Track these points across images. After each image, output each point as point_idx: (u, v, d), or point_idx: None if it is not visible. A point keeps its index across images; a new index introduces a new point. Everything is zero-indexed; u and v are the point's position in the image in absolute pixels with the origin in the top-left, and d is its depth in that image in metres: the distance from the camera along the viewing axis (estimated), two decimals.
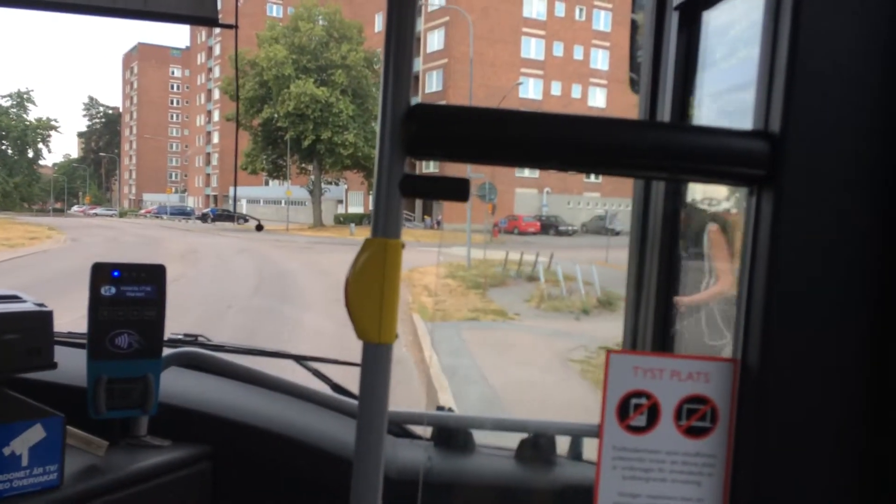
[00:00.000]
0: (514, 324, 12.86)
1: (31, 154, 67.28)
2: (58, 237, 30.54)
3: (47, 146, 79.87)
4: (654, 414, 0.90)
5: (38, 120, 67.54)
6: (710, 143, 0.87)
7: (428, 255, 20.21)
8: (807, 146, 0.83)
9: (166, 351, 1.65)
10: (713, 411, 0.90)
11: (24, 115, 66.95)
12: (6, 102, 66.67)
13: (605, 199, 47.87)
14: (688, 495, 0.90)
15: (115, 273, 1.44)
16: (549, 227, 41.25)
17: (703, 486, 0.90)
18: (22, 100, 66.68)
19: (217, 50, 75.60)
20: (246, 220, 42.73)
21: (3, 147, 66.10)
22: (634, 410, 0.90)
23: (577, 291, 15.14)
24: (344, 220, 48.49)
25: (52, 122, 68.14)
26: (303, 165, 47.96)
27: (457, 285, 17.03)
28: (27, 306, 1.31)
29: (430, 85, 49.90)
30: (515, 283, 17.71)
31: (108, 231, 36.75)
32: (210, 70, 78.77)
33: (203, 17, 1.32)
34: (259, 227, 2.22)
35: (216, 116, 71.29)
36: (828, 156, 0.83)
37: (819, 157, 0.83)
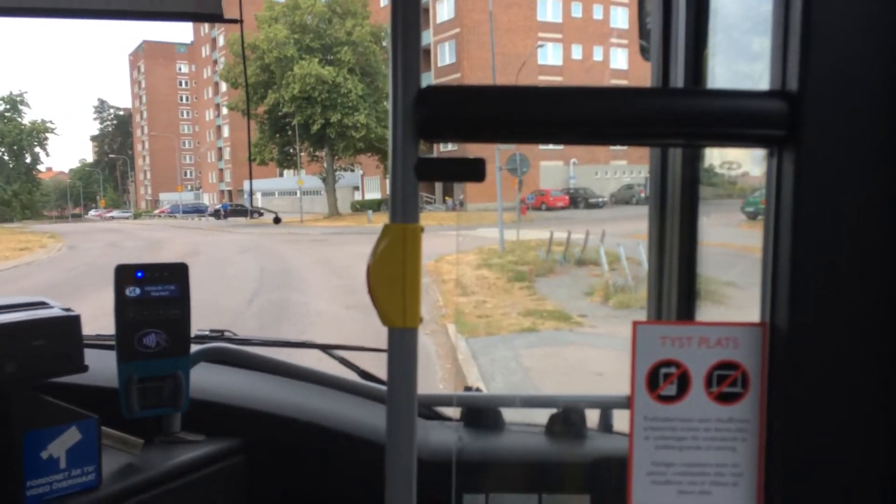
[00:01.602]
0: (584, 333, 9.35)
1: (28, 159, 64.95)
2: (52, 246, 29.27)
3: (45, 150, 77.28)
4: (684, 382, 0.90)
5: (33, 123, 64.93)
6: (726, 105, 0.86)
7: (453, 240, 18.31)
8: (826, 103, 0.81)
9: (194, 347, 1.67)
10: (744, 376, 0.90)
11: (18, 119, 64.53)
12: None
13: (633, 166, 46.39)
14: (723, 461, 0.90)
15: (139, 274, 1.46)
16: (578, 200, 39.82)
17: (738, 452, 0.90)
18: (15, 103, 64.20)
19: (221, 41, 75.13)
20: (261, 214, 42.46)
21: None
22: (664, 380, 0.90)
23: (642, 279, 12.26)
24: (361, 207, 47.53)
25: (48, 125, 65.68)
26: (314, 152, 46.91)
27: (495, 277, 13.89)
28: (54, 312, 1.33)
29: (443, 58, 47.71)
30: (564, 270, 14.53)
31: (113, 235, 35.89)
32: (215, 62, 78.28)
33: (207, 14, 1.32)
34: (277, 220, 2.23)
35: (225, 110, 71.00)
36: (848, 112, 0.81)
37: (839, 114, 0.81)
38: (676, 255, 1.26)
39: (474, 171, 0.86)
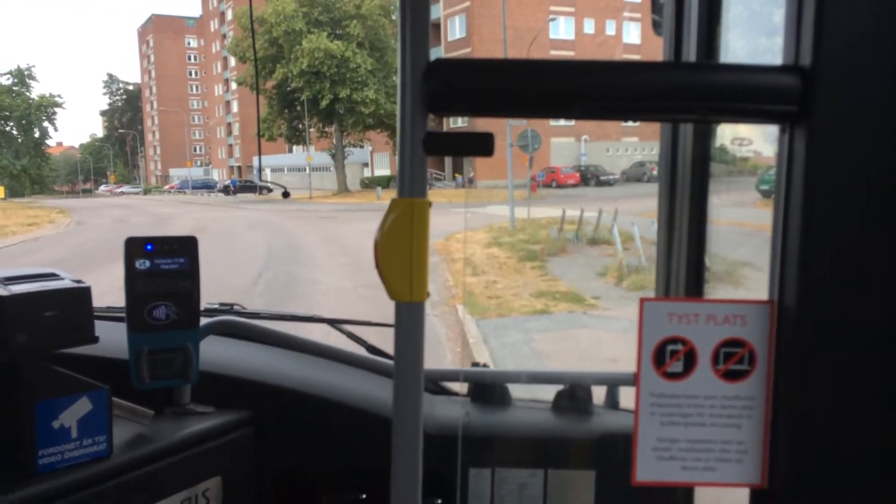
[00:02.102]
0: (598, 316, 9.03)
1: (36, 134, 64.36)
2: (61, 221, 29.29)
3: (53, 125, 76.06)
4: (690, 359, 0.90)
5: (42, 97, 64.28)
6: (738, 80, 0.85)
7: (463, 218, 17.93)
8: (839, 79, 0.80)
9: (203, 320, 1.68)
10: (751, 354, 0.89)
11: (27, 93, 64.07)
12: (6, 81, 63.49)
13: (645, 143, 45.81)
14: (728, 438, 0.90)
15: (149, 246, 1.47)
16: (588, 177, 39.30)
17: (743, 429, 0.90)
18: (23, 77, 63.63)
19: (230, 15, 74.53)
20: (270, 191, 42.38)
21: (7, 128, 63.42)
22: (671, 357, 0.90)
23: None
24: (370, 184, 47.34)
25: (57, 99, 65.03)
26: (323, 128, 46.63)
27: (506, 257, 13.64)
28: (65, 283, 1.34)
29: (453, 32, 47.02)
30: (576, 249, 14.19)
31: (122, 210, 35.78)
32: (224, 37, 77.68)
33: None
34: (286, 195, 2.24)
35: (234, 85, 70.67)
36: (861, 88, 0.80)
37: (852, 90, 0.80)
38: (686, 233, 1.25)
39: (483, 145, 0.85)
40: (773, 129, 0.89)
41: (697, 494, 1.35)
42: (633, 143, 47.55)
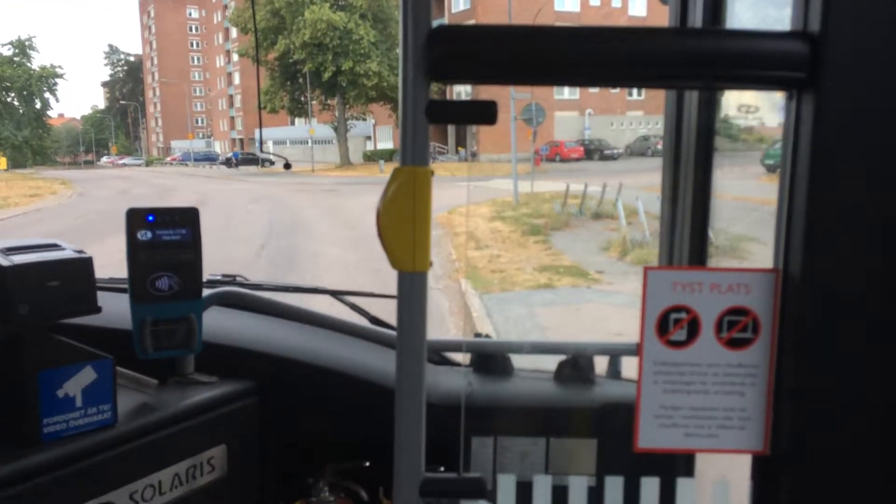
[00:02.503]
0: (602, 291, 8.95)
1: (38, 105, 63.85)
2: (63, 192, 29.14)
3: (54, 95, 74.65)
4: (694, 328, 0.91)
5: (42, 68, 63.63)
6: (746, 46, 0.84)
7: (465, 191, 17.65)
8: (848, 45, 0.79)
9: (206, 292, 1.68)
10: (755, 322, 0.90)
11: (28, 64, 63.33)
12: (7, 51, 62.73)
13: (649, 116, 45.37)
14: (731, 405, 0.90)
15: (150, 217, 1.47)
16: (592, 151, 39.00)
17: (745, 396, 0.90)
18: (23, 47, 62.83)
19: None
20: (272, 163, 42.24)
21: (9, 99, 62.89)
22: (674, 325, 0.90)
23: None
24: (373, 157, 47.10)
25: (58, 70, 64.32)
26: (325, 101, 46.35)
27: (509, 231, 13.53)
28: (67, 253, 1.34)
29: (457, 4, 46.26)
30: (580, 224, 14.09)
31: (124, 182, 35.55)
32: (225, 7, 76.64)
33: None
34: (287, 166, 2.23)
35: (236, 56, 70.04)
36: (870, 55, 0.79)
37: (861, 57, 0.79)
38: (689, 206, 1.25)
39: (486, 113, 0.85)
40: (777, 101, 0.88)
41: (698, 462, 1.36)
42: (638, 117, 47.09)
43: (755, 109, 1.21)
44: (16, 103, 63.66)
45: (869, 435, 0.86)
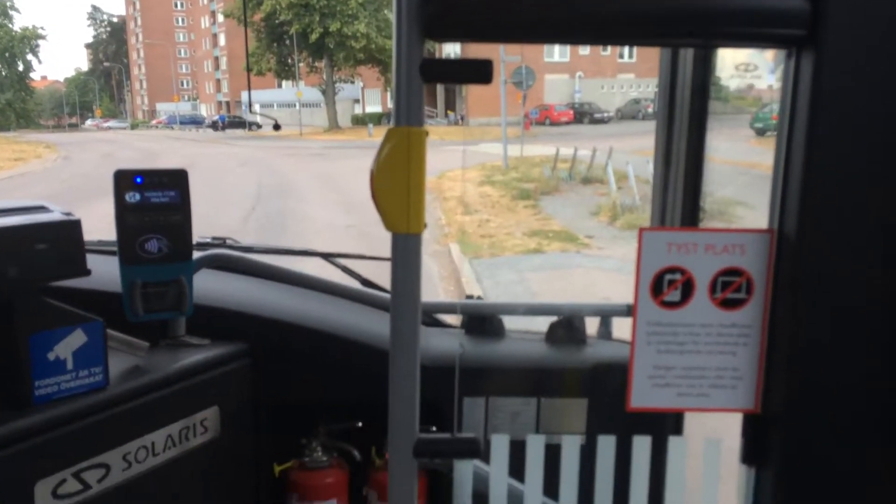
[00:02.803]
0: (592, 255, 9.00)
1: (20, 67, 63.54)
2: (48, 156, 28.64)
3: (37, 57, 74.91)
4: (688, 288, 0.91)
5: (24, 29, 63.42)
6: (746, 3, 0.82)
7: (455, 156, 17.45)
8: (849, 3, 0.78)
9: (196, 254, 1.67)
10: (748, 283, 0.90)
11: (9, 25, 62.85)
12: None
13: (640, 80, 45.07)
14: (723, 365, 0.91)
15: (138, 179, 1.45)
16: (582, 115, 38.69)
17: (738, 356, 0.91)
18: (4, 9, 62.23)
19: None
20: (259, 127, 41.75)
21: None
22: (668, 286, 0.91)
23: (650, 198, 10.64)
24: (361, 121, 46.72)
25: (40, 31, 64.16)
26: (313, 63, 45.53)
27: (499, 195, 13.49)
28: (55, 216, 1.32)
29: None
30: (569, 188, 14.04)
31: (109, 146, 34.91)
32: None
33: None
34: (276, 127, 2.21)
35: (221, 17, 68.70)
36: (872, 13, 0.78)
37: (863, 15, 0.78)
38: (683, 168, 1.24)
39: (481, 72, 0.83)
40: (769, 63, 0.87)
41: (687, 422, 1.38)
42: (629, 80, 46.69)
43: (754, 68, 1.20)
44: None
45: (859, 395, 0.87)
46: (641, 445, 0.95)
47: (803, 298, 0.85)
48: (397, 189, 0.86)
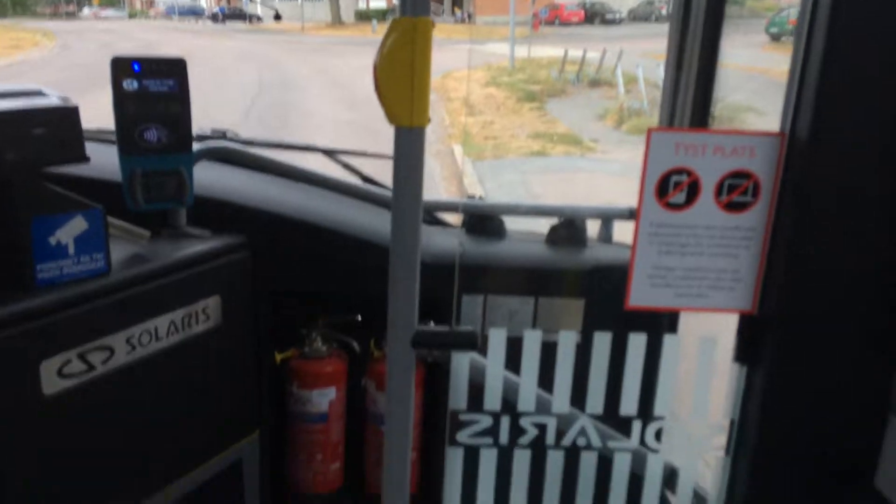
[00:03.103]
0: (596, 159, 8.85)
1: None
2: (46, 45, 28.04)
3: None
4: (694, 190, 0.90)
5: None
6: None
7: (461, 55, 16.64)
8: None
9: (196, 146, 1.65)
10: (755, 185, 0.89)
11: None
12: None
13: None
14: (723, 267, 0.91)
15: (136, 66, 1.41)
16: (594, 15, 37.57)
17: (739, 259, 0.91)
18: None
19: None
20: (260, 20, 40.44)
21: None
22: (674, 188, 0.90)
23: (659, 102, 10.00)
24: (365, 16, 45.27)
25: None
26: None
27: (504, 97, 13.25)
28: (52, 101, 1.29)
29: None
30: (576, 91, 13.77)
31: (106, 36, 33.74)
32: None
33: None
34: (277, 17, 2.13)
35: None
36: None
37: None
38: (695, 71, 1.21)
39: None
40: None
41: (681, 326, 1.40)
42: None
43: None
44: None
45: (854, 301, 0.87)
46: (637, 343, 0.96)
47: (809, 203, 0.85)
48: (401, 81, 0.83)
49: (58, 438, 1.30)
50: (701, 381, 0.96)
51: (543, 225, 1.75)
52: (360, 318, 1.77)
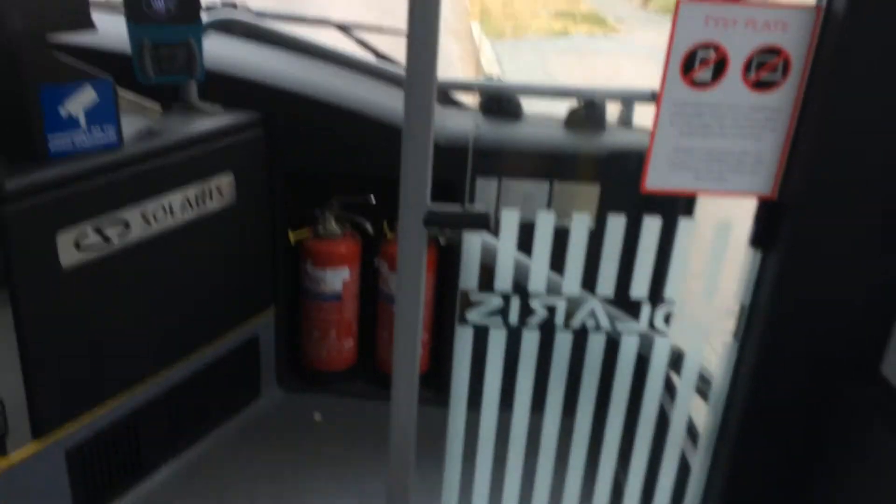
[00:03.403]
0: (620, 40, 8.29)
1: None
2: None
3: None
4: (720, 67, 0.86)
5: None
6: None
7: None
8: None
9: (205, 18, 1.60)
10: (786, 63, 0.85)
11: None
12: None
13: None
14: (746, 149, 0.88)
15: None
16: None
17: (762, 141, 0.88)
18: None
19: None
20: None
21: None
22: (700, 64, 0.86)
23: None
24: None
25: None
26: None
27: None
28: None
29: None
30: None
31: None
32: None
33: None
34: None
35: None
36: None
37: None
38: None
39: None
40: None
41: (698, 207, 1.38)
42: None
43: None
44: None
45: (878, 190, 0.85)
46: (651, 225, 0.95)
47: (840, 84, 0.81)
48: None
49: (78, 311, 1.34)
50: (713, 265, 0.96)
51: (561, 108, 1.71)
52: (373, 199, 1.77)
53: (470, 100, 1.84)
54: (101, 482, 1.48)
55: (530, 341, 1.03)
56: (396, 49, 1.46)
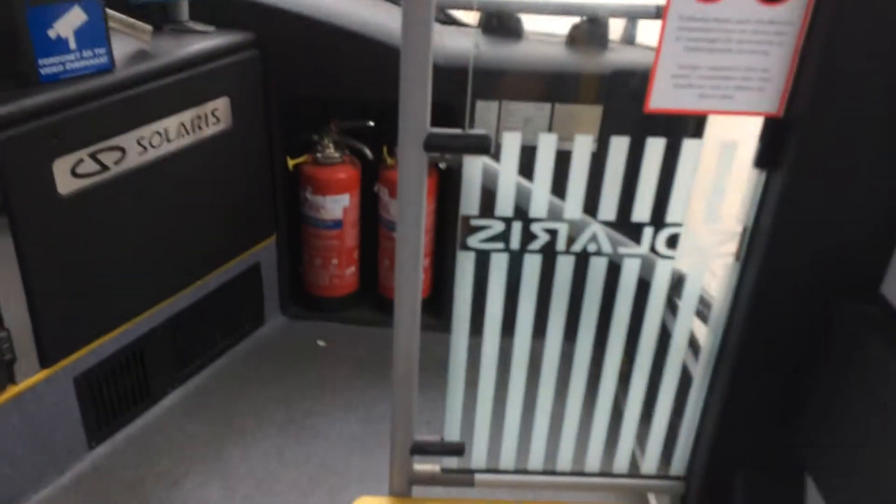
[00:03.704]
0: None
1: None
2: None
3: None
4: None
5: None
6: None
7: None
8: None
9: None
10: None
11: None
12: None
13: None
14: (752, 66, 0.86)
15: None
16: None
17: (770, 56, 0.85)
18: None
19: None
20: None
21: None
22: None
23: None
24: None
25: None
26: None
27: None
28: None
29: None
30: None
31: None
32: None
33: None
34: None
35: None
36: None
37: None
38: None
39: None
40: None
41: (706, 129, 1.36)
42: None
43: None
44: None
45: (887, 109, 0.83)
46: (654, 147, 0.93)
47: None
48: None
49: (79, 239, 1.34)
50: (716, 187, 0.94)
51: (563, 26, 1.66)
52: (372, 124, 1.74)
53: (470, 19, 1.79)
54: (110, 408, 1.51)
55: (532, 266, 1.03)
56: None
